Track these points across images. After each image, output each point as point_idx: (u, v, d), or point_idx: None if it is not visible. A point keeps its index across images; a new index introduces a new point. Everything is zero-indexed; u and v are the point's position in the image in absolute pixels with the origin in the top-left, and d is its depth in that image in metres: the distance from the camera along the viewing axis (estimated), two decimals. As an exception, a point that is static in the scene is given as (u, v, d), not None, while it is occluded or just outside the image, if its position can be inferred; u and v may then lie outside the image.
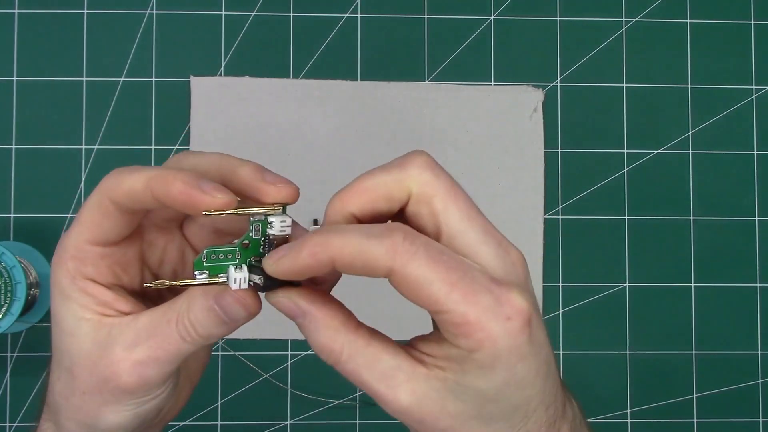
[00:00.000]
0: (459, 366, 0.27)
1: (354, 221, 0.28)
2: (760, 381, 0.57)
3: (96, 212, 0.29)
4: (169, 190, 0.27)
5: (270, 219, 0.27)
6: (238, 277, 0.27)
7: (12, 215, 0.55)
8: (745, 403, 0.57)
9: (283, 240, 0.28)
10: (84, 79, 0.56)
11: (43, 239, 0.55)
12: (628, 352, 0.57)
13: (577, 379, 0.56)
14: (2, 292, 0.49)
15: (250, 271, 0.28)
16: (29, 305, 0.53)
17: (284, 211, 0.28)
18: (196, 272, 0.27)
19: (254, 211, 0.27)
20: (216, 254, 0.27)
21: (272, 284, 0.28)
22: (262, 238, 0.28)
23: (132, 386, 0.28)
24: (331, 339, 0.30)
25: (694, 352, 0.57)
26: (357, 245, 0.27)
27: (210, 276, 0.27)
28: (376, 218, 0.28)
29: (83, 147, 0.56)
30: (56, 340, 0.29)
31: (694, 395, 0.57)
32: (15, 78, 0.56)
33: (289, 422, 0.55)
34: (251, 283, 0.28)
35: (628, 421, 0.56)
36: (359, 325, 0.29)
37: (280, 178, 0.28)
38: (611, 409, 0.56)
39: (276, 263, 0.27)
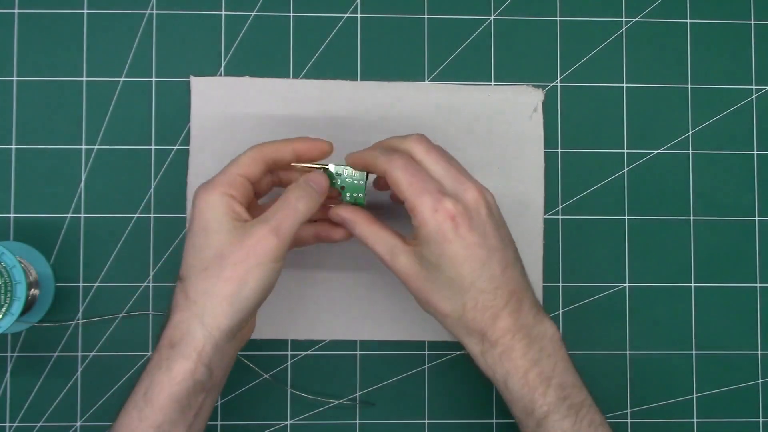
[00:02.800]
0: (418, 242, 0.45)
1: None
2: (760, 381, 0.57)
3: (251, 160, 0.46)
4: (310, 152, 0.48)
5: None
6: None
7: (12, 215, 0.55)
8: (745, 403, 0.57)
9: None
10: (84, 79, 0.56)
11: (43, 239, 0.55)
12: (628, 352, 0.57)
13: (577, 379, 0.56)
14: (2, 292, 0.49)
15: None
16: (29, 305, 0.53)
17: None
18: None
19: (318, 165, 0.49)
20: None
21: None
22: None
23: (271, 245, 0.43)
24: (362, 228, 0.47)
25: (694, 352, 0.57)
26: (376, 156, 0.46)
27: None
28: None
29: (83, 147, 0.56)
30: (201, 243, 0.43)
31: (694, 395, 0.57)
32: (15, 78, 0.56)
33: (289, 422, 0.55)
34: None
35: (628, 421, 0.56)
36: (377, 221, 0.48)
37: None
38: (611, 409, 0.56)
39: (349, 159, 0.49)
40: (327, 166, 0.51)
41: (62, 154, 0.55)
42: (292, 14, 0.57)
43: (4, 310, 0.49)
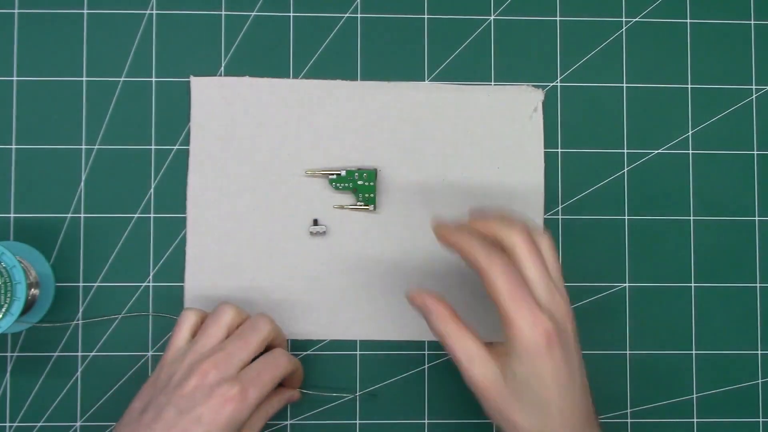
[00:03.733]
0: (507, 356, 0.44)
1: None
2: (760, 381, 0.57)
3: (278, 382, 0.48)
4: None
5: None
6: None
7: (12, 215, 0.55)
8: (745, 403, 0.57)
9: None
10: (84, 79, 0.56)
11: (43, 239, 0.55)
12: (628, 352, 0.57)
13: (577, 379, 0.56)
14: (2, 292, 0.49)
15: None
16: (29, 305, 0.53)
17: None
18: None
19: None
20: None
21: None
22: None
23: None
24: (442, 325, 0.45)
25: (694, 352, 0.57)
26: (475, 248, 0.45)
27: None
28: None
29: (83, 147, 0.56)
30: None
31: (694, 395, 0.57)
32: (15, 78, 0.56)
33: (289, 422, 0.55)
34: None
35: (628, 421, 0.56)
36: (459, 319, 0.46)
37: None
38: (611, 409, 0.56)
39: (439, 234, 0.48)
40: (340, 172, 0.54)
41: (62, 154, 0.55)
42: (292, 14, 0.57)
43: (4, 310, 0.49)
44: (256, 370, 0.47)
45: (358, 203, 0.55)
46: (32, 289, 0.53)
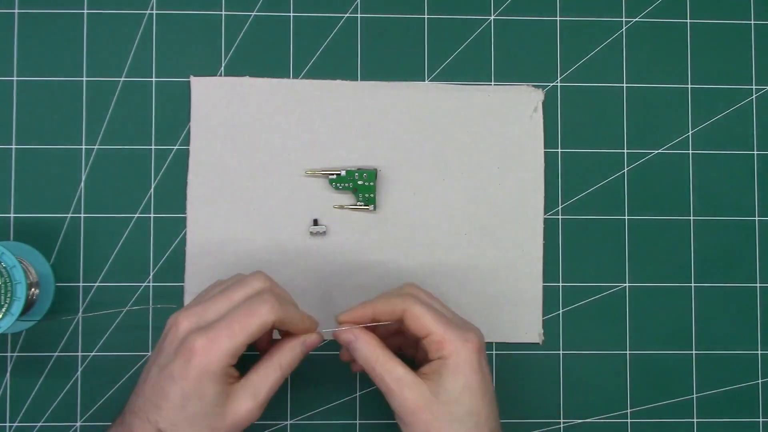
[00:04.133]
0: (438, 375, 0.46)
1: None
2: (760, 381, 0.57)
3: (259, 331, 0.44)
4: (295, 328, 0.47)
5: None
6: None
7: (12, 215, 0.55)
8: (745, 403, 0.57)
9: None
10: (84, 79, 0.56)
11: (43, 239, 0.55)
12: (628, 352, 0.57)
13: (577, 379, 0.56)
14: (2, 292, 0.49)
15: None
16: (29, 305, 0.53)
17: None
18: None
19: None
20: None
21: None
22: None
23: (252, 416, 0.44)
24: (372, 353, 0.46)
25: (694, 352, 0.57)
26: (388, 301, 0.48)
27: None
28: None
29: (83, 147, 0.56)
30: (194, 410, 0.42)
31: (694, 395, 0.57)
32: (15, 78, 0.56)
33: (289, 422, 0.55)
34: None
35: (628, 421, 0.56)
36: (386, 348, 0.47)
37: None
38: (611, 409, 0.56)
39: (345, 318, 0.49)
40: (340, 172, 0.54)
41: (62, 154, 0.55)
42: (292, 14, 0.57)
43: (4, 310, 0.49)
44: (228, 318, 0.43)
45: (358, 203, 0.56)
46: (32, 289, 0.53)
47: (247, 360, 0.46)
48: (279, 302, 0.45)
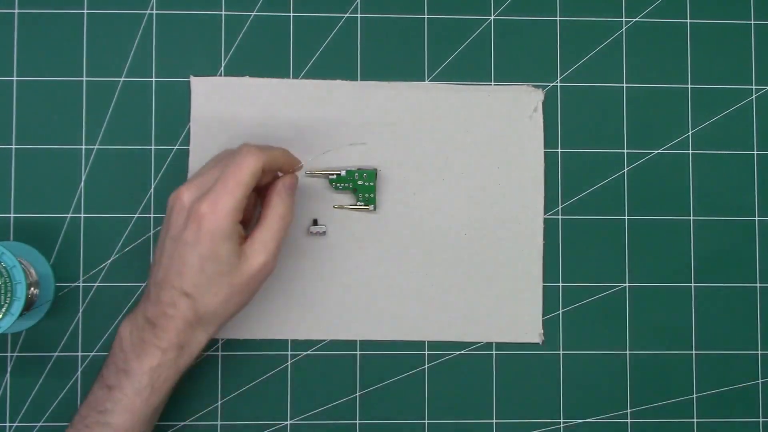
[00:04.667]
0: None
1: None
2: (760, 381, 0.57)
3: (251, 179, 0.47)
4: (291, 165, 0.51)
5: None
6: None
7: (12, 215, 0.55)
8: (745, 403, 0.57)
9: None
10: (84, 79, 0.56)
11: (43, 239, 0.55)
12: (628, 352, 0.57)
13: (577, 379, 0.56)
14: (2, 292, 0.49)
15: None
16: (29, 305, 0.53)
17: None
18: None
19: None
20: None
21: None
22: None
23: (269, 268, 0.48)
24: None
25: (694, 352, 0.57)
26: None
27: None
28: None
29: (83, 147, 0.56)
30: (213, 269, 0.46)
31: (694, 395, 0.57)
32: (15, 78, 0.56)
33: (289, 422, 0.55)
34: None
35: (628, 421, 0.56)
36: None
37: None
38: (611, 409, 0.56)
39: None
40: (340, 172, 0.55)
41: (62, 154, 0.55)
42: (292, 14, 0.57)
43: (4, 310, 0.49)
44: (222, 179, 0.46)
45: (358, 203, 0.56)
46: (32, 289, 0.53)
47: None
48: (259, 148, 0.48)
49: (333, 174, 0.55)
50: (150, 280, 0.48)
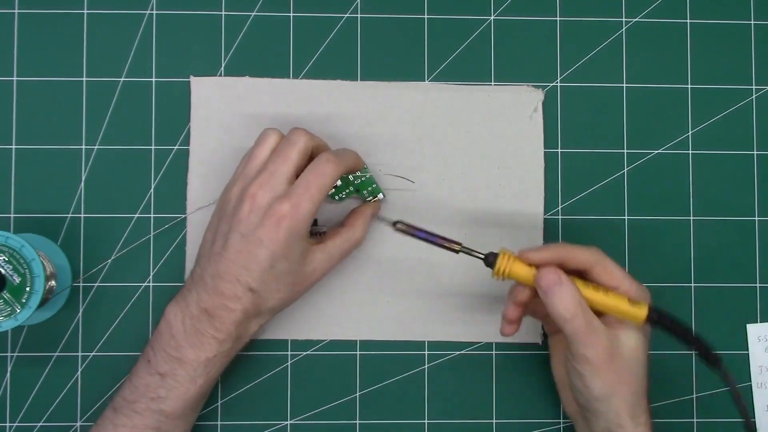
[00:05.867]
0: (624, 327, 0.49)
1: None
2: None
3: (331, 187, 0.49)
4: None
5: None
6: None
7: (12, 215, 0.55)
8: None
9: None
10: (84, 79, 0.56)
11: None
12: (628, 352, 0.57)
13: (577, 379, 0.56)
14: (21, 284, 0.49)
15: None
16: (46, 298, 0.53)
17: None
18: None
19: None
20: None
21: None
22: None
23: (325, 273, 0.51)
24: (578, 300, 0.47)
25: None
26: (582, 249, 0.50)
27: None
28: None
29: (83, 147, 0.56)
30: (282, 269, 0.48)
31: (694, 395, 0.57)
32: (15, 78, 0.56)
33: (289, 422, 0.56)
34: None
35: (628, 421, 0.56)
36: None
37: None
38: (611, 409, 0.56)
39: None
40: (336, 184, 0.53)
41: (62, 154, 0.55)
42: (292, 14, 0.57)
43: (23, 300, 0.49)
44: (304, 183, 0.48)
45: (368, 200, 0.55)
46: (50, 282, 0.53)
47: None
48: (336, 155, 0.49)
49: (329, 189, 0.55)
50: (203, 270, 0.48)
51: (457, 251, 0.49)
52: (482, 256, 0.49)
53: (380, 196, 0.55)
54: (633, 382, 0.48)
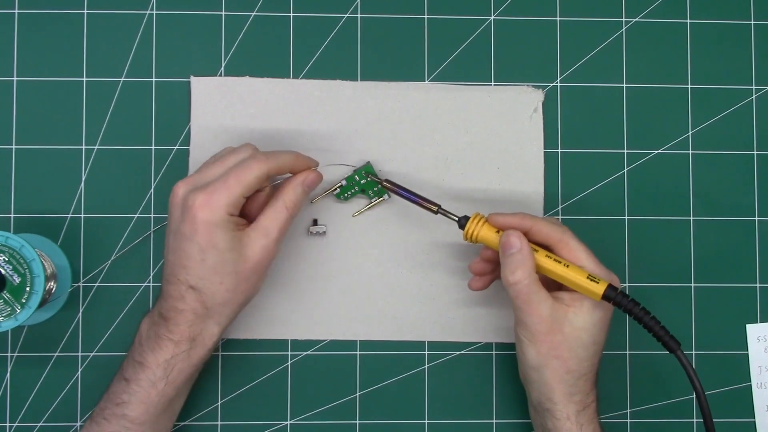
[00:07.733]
0: (579, 304, 0.49)
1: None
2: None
3: (257, 181, 0.48)
4: (306, 166, 0.52)
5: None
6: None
7: (12, 215, 0.55)
8: (745, 404, 0.57)
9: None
10: (84, 79, 0.56)
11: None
12: (628, 352, 0.57)
13: (577, 379, 0.56)
14: (21, 285, 0.49)
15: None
16: (45, 298, 0.53)
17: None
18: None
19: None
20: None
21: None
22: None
23: (270, 255, 0.49)
24: (530, 268, 0.48)
25: (694, 352, 0.57)
26: (550, 222, 0.51)
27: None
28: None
29: (83, 147, 0.56)
30: (214, 261, 0.47)
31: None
32: (15, 78, 0.56)
33: (289, 422, 0.56)
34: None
35: (628, 421, 0.56)
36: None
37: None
38: (611, 409, 0.56)
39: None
40: (341, 183, 0.55)
41: (62, 154, 0.55)
42: (292, 14, 0.57)
43: (23, 300, 0.49)
44: (224, 176, 0.47)
45: (373, 200, 0.55)
46: (50, 283, 0.53)
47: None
48: (266, 155, 0.49)
49: (335, 188, 0.55)
50: (162, 276, 0.49)
51: (435, 212, 0.51)
52: (456, 219, 0.51)
53: (386, 196, 0.55)
54: (570, 360, 0.48)
